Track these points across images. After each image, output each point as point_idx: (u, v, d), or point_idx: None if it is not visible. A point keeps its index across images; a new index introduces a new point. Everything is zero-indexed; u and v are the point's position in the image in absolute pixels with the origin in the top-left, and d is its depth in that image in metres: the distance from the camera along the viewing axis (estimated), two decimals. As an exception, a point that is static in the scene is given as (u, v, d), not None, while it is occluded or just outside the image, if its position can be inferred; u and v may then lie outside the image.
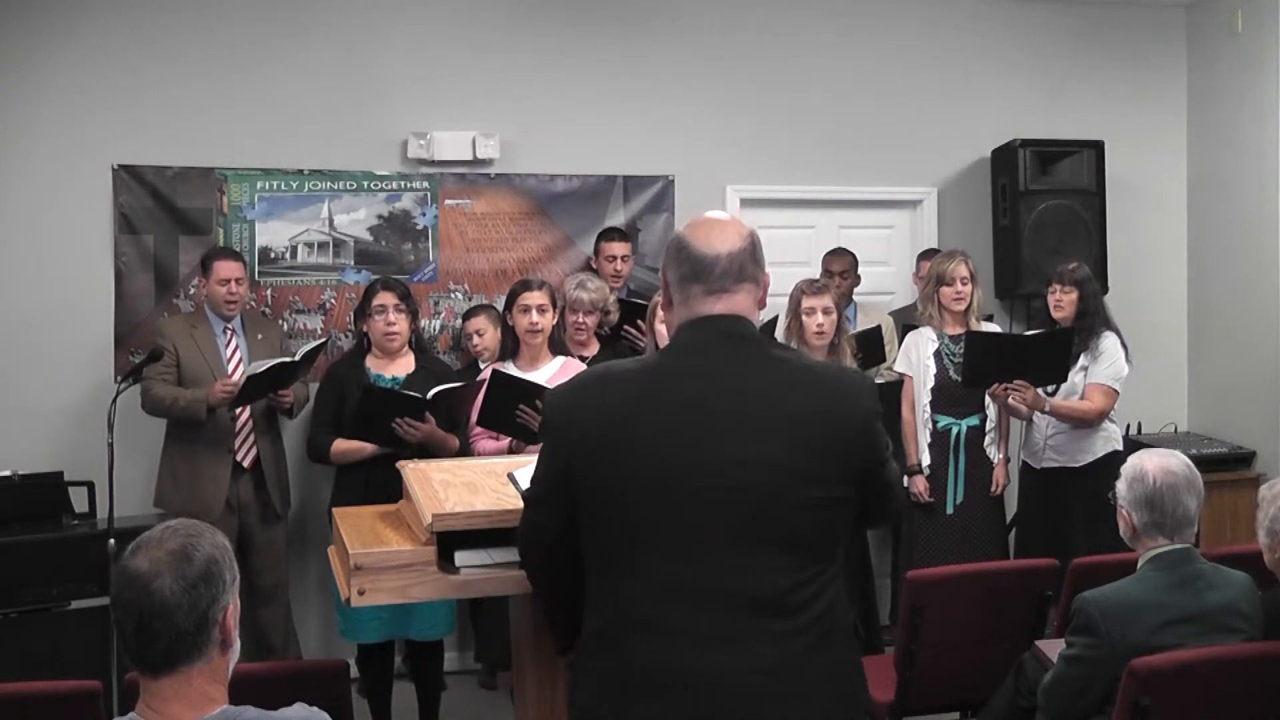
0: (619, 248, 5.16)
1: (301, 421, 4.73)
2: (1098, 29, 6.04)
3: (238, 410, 4.49)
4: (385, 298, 4.22)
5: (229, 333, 4.64)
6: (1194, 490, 2.80)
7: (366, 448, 4.15)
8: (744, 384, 1.89)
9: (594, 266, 5.20)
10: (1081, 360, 4.58)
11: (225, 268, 4.57)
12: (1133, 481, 2.84)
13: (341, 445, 4.21)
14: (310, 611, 5.06)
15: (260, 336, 4.69)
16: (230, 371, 4.52)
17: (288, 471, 4.74)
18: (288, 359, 4.34)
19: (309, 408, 4.60)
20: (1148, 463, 2.84)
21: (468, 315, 4.97)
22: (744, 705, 1.81)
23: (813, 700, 1.84)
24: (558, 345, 4.22)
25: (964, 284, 4.64)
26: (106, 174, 4.95)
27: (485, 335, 4.79)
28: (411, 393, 4.05)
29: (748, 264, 1.97)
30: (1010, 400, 4.48)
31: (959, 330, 4.64)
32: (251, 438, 4.56)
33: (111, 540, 3.97)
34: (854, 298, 5.48)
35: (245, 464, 4.55)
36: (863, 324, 5.27)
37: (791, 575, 1.84)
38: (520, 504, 2.36)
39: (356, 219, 5.22)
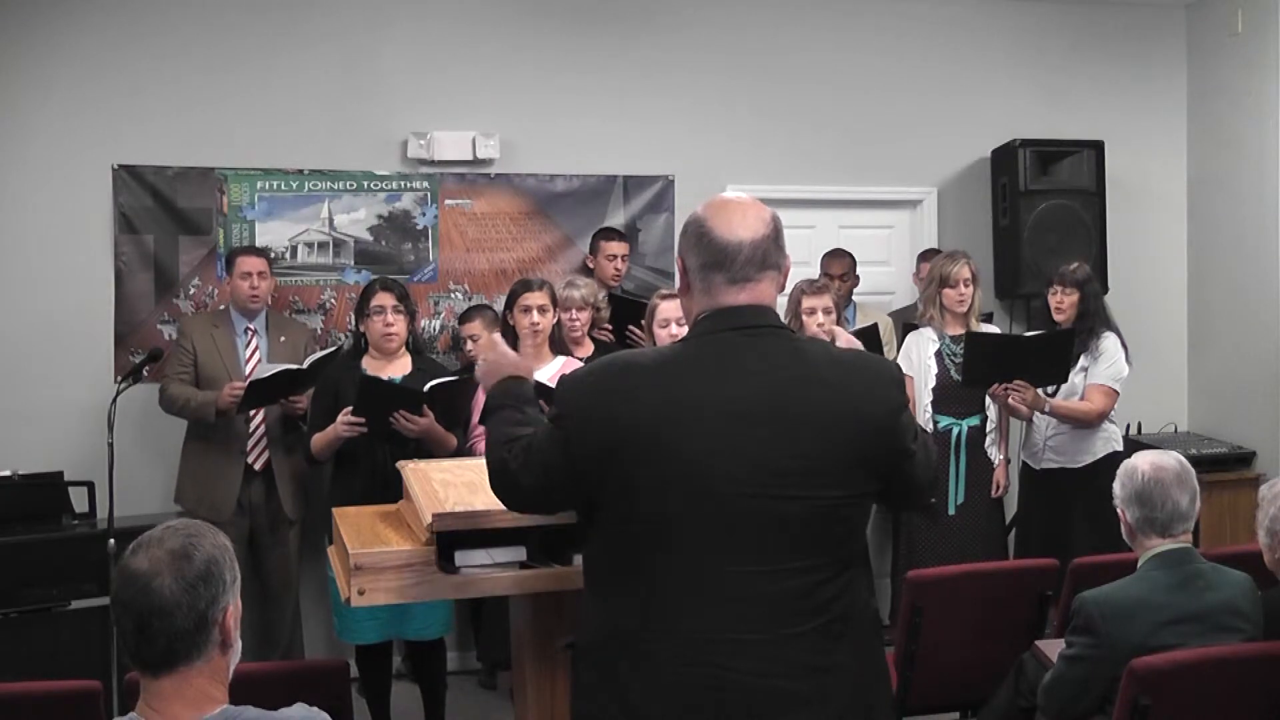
0: (619, 247, 5.16)
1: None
2: (1098, 29, 6.04)
3: (251, 413, 4.50)
4: (383, 298, 4.20)
5: (250, 333, 4.65)
6: (1185, 486, 2.79)
7: (335, 430, 4.00)
8: (773, 383, 1.84)
9: (590, 266, 5.19)
10: (1081, 361, 4.58)
11: (247, 262, 4.60)
12: (1124, 479, 2.85)
13: (318, 440, 4.12)
14: (319, 613, 5.03)
15: (283, 339, 4.68)
16: (247, 375, 4.50)
17: (304, 477, 4.69)
18: (294, 367, 4.31)
19: None
20: (1139, 461, 2.85)
21: (463, 318, 4.95)
22: (769, 709, 1.80)
23: (837, 701, 1.84)
24: (559, 345, 4.22)
25: (967, 285, 4.64)
26: (106, 174, 4.95)
27: (480, 340, 4.77)
28: (409, 386, 4.04)
29: (771, 251, 1.92)
30: (1010, 400, 4.48)
31: (960, 331, 4.64)
32: (264, 443, 4.57)
33: (111, 540, 3.98)
34: (853, 298, 5.48)
35: (257, 468, 4.56)
36: (861, 324, 5.26)
37: (815, 574, 1.83)
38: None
39: (356, 219, 5.22)
